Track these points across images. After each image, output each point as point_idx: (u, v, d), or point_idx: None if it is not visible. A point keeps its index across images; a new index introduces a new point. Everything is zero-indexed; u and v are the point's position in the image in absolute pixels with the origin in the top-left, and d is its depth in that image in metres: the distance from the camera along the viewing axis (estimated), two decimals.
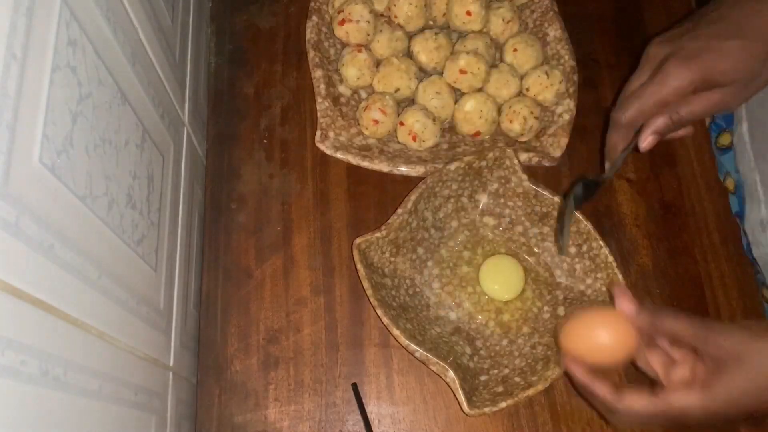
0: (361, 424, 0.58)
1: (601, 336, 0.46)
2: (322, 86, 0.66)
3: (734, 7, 0.46)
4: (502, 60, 0.69)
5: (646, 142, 0.49)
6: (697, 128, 0.70)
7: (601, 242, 0.59)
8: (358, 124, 0.66)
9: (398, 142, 0.66)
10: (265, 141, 0.69)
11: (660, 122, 0.48)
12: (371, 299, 0.56)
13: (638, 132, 0.50)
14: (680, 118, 0.48)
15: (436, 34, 0.67)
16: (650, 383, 0.46)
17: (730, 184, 0.66)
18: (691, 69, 0.45)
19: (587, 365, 0.47)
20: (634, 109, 0.48)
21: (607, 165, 0.53)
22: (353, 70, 0.67)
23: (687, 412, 0.42)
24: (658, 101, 0.47)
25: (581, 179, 0.53)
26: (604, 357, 0.47)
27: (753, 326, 0.41)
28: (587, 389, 0.46)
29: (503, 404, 0.54)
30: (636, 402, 0.43)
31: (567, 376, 0.49)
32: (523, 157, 0.64)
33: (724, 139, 0.68)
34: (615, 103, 0.51)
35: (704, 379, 0.41)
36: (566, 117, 0.66)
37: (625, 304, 0.45)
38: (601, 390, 0.45)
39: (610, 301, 0.49)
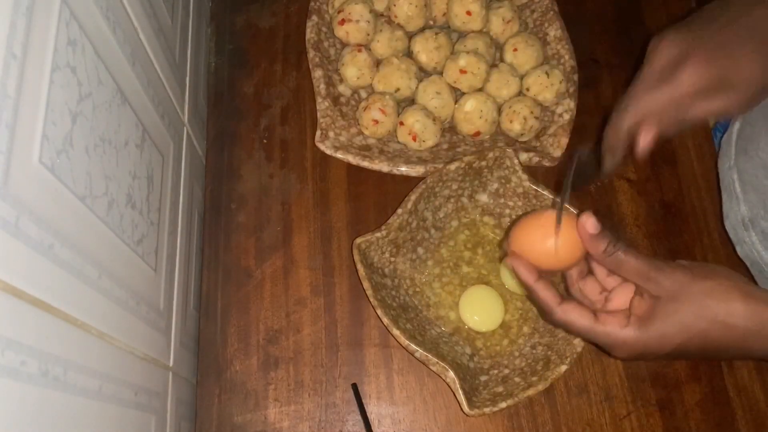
0: (361, 424, 0.58)
1: (549, 241, 0.45)
2: (322, 86, 0.66)
3: (743, 11, 0.45)
4: (502, 60, 0.69)
5: (646, 141, 0.47)
6: (699, 126, 0.70)
7: None
8: (358, 124, 0.66)
9: (398, 142, 0.66)
10: (265, 141, 0.69)
11: (665, 124, 0.47)
12: (371, 299, 0.56)
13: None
14: (683, 121, 0.47)
15: (436, 33, 0.67)
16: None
17: None
18: (710, 70, 0.44)
19: (533, 266, 0.46)
20: (645, 107, 0.47)
21: (607, 162, 0.52)
22: (353, 70, 0.67)
23: (619, 343, 0.43)
24: (671, 100, 0.45)
25: (579, 154, 0.51)
26: (549, 261, 0.46)
27: (695, 268, 0.42)
28: (531, 290, 0.46)
29: (503, 404, 0.54)
30: (576, 320, 0.44)
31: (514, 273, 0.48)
32: (524, 157, 0.64)
33: None
34: (618, 101, 0.50)
35: (640, 314, 0.43)
36: (566, 117, 0.66)
37: (589, 222, 0.44)
38: (545, 294, 0.45)
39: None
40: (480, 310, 0.60)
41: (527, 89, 0.67)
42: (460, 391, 0.53)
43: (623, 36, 0.74)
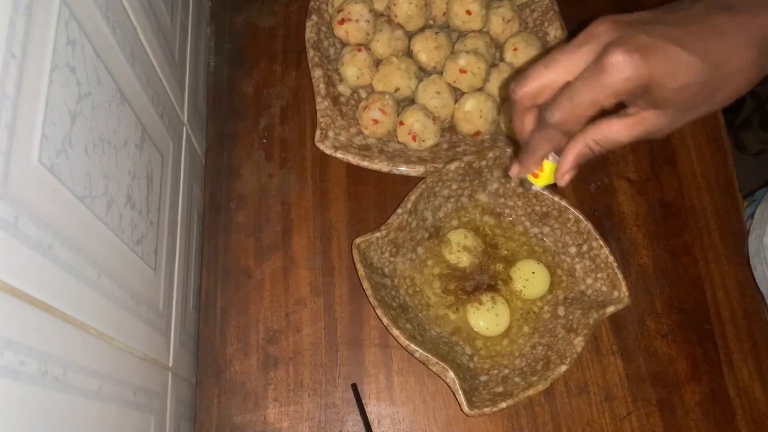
0: (361, 424, 0.58)
1: None
2: (322, 86, 0.66)
3: (706, 16, 0.37)
4: (502, 59, 0.69)
5: (565, 179, 0.41)
6: (699, 126, 0.70)
7: (601, 242, 0.59)
8: (358, 123, 0.66)
9: (398, 142, 0.66)
10: (264, 140, 0.69)
11: (581, 152, 0.40)
12: (371, 299, 0.56)
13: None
14: (602, 148, 0.40)
15: (436, 33, 0.67)
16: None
17: None
18: (639, 67, 0.35)
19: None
20: (567, 110, 0.38)
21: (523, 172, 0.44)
22: (353, 70, 0.66)
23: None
24: (594, 101, 0.37)
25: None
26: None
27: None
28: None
29: (503, 404, 0.54)
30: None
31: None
32: None
33: None
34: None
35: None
36: None
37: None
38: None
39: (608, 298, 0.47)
40: (486, 316, 0.60)
41: None
42: (460, 391, 0.53)
43: None
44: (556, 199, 0.60)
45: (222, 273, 0.64)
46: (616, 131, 0.39)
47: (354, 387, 0.60)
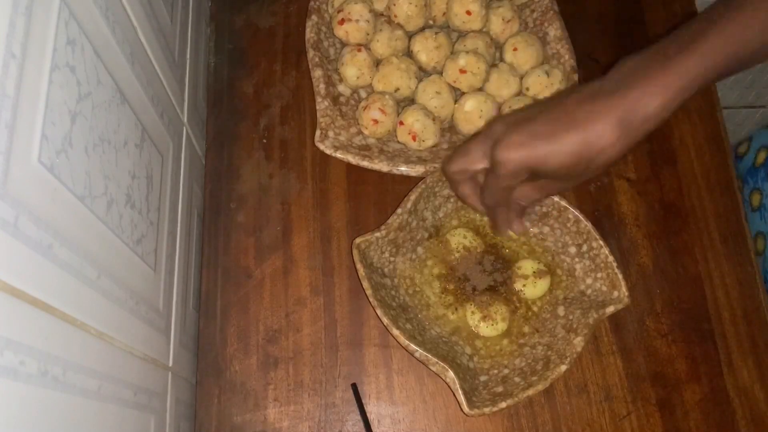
0: (361, 424, 0.58)
1: None
2: (322, 86, 0.66)
3: (575, 108, 0.45)
4: (502, 59, 0.69)
5: (518, 229, 0.56)
6: (699, 126, 0.70)
7: (601, 242, 0.59)
8: (358, 123, 0.66)
9: (398, 142, 0.66)
10: (264, 140, 0.69)
11: (518, 211, 0.55)
12: (371, 299, 0.56)
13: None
14: (530, 204, 0.54)
15: (435, 33, 0.67)
16: None
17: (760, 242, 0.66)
18: (517, 160, 0.46)
19: None
20: (493, 197, 0.52)
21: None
22: (353, 70, 0.66)
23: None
24: (504, 187, 0.50)
25: None
26: None
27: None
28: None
29: (503, 404, 0.54)
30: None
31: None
32: None
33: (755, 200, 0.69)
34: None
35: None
36: None
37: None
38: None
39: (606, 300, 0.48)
40: (486, 316, 0.60)
41: (527, 89, 0.67)
42: (460, 391, 0.53)
43: (623, 36, 0.74)
44: (556, 199, 0.60)
45: (222, 273, 0.64)
46: (531, 193, 0.52)
47: (354, 387, 0.60)
